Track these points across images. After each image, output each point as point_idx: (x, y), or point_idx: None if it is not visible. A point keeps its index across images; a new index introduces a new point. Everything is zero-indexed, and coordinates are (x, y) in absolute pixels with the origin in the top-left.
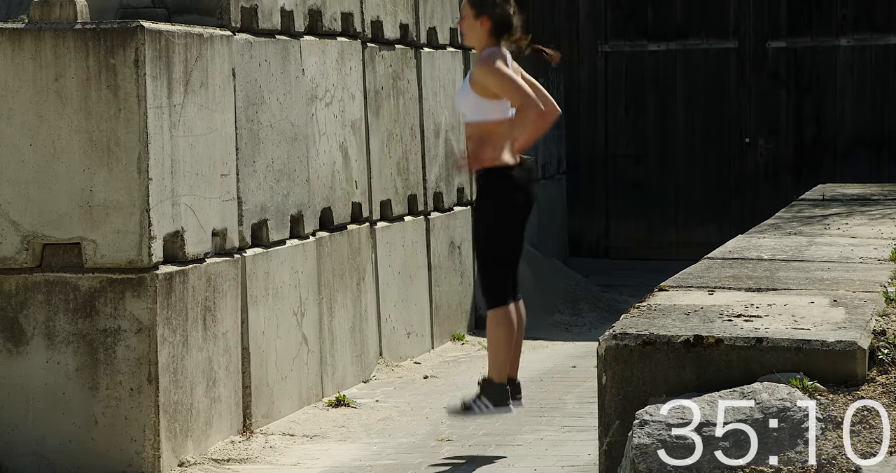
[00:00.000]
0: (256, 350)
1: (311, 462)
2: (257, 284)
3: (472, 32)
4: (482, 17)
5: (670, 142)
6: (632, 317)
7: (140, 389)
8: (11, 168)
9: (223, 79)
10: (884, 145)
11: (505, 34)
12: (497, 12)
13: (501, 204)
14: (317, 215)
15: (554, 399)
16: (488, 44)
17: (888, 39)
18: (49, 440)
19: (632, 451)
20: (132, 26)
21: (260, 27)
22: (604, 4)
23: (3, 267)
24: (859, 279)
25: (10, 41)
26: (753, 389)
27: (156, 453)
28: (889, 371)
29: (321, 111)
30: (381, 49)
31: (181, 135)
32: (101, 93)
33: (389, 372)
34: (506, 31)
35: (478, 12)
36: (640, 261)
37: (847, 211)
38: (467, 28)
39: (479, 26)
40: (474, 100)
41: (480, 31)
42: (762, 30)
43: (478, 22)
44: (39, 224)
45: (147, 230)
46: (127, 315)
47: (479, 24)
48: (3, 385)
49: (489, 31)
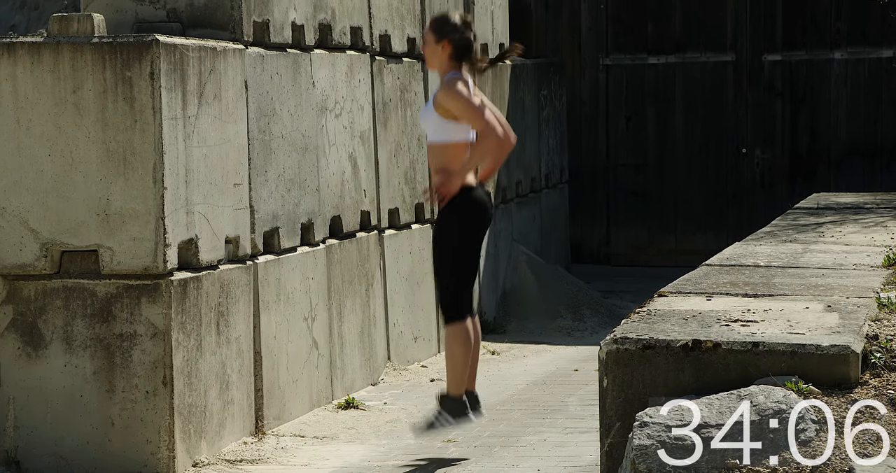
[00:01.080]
0: (268, 354)
1: (321, 462)
2: (269, 290)
3: (434, 56)
4: (443, 41)
5: (669, 153)
6: (632, 322)
7: (155, 392)
8: (31, 177)
9: (236, 91)
10: (877, 155)
11: (466, 58)
12: (457, 37)
13: (464, 222)
14: (327, 223)
15: (557, 402)
16: (449, 67)
17: (881, 52)
18: (67, 441)
19: (632, 452)
20: (148, 40)
21: (272, 41)
22: (605, 19)
23: (22, 273)
24: (853, 285)
25: (29, 54)
26: (750, 392)
27: (171, 454)
28: (882, 374)
29: (331, 122)
30: (389, 62)
31: (195, 145)
32: (118, 104)
33: (397, 375)
34: (466, 54)
35: (439, 36)
36: (640, 268)
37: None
38: (429, 53)
39: (440, 50)
40: (437, 121)
41: (442, 55)
42: (758, 43)
43: (439, 46)
44: (58, 231)
45: (162, 237)
46: (143, 320)
47: (440, 49)
48: (22, 387)
49: (450, 55)
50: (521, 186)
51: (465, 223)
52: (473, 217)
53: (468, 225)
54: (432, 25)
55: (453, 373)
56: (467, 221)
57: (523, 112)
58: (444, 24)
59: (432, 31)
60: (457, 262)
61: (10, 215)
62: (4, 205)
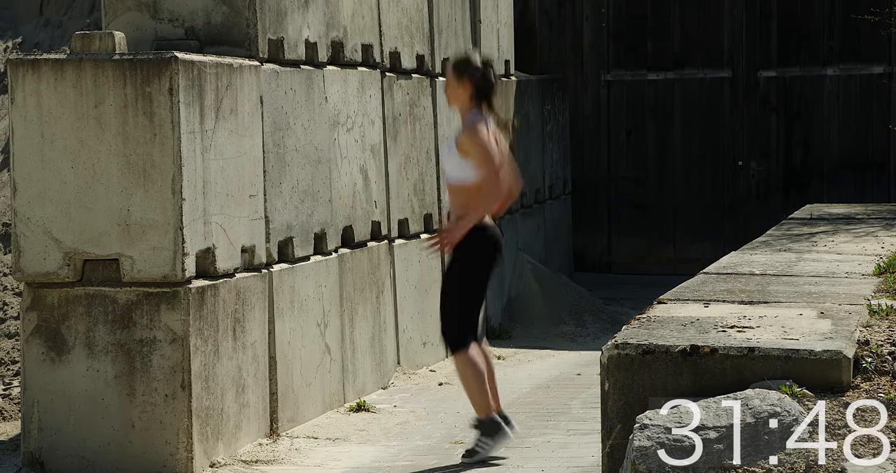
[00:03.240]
0: (283, 358)
1: (334, 463)
2: (283, 297)
3: (455, 95)
4: (464, 80)
5: (668, 165)
6: (632, 328)
7: (174, 395)
8: (54, 189)
9: (252, 106)
10: (867, 168)
11: (486, 98)
12: (478, 76)
13: (477, 259)
14: (339, 233)
15: (560, 405)
16: (470, 106)
17: (871, 69)
18: (89, 442)
19: (633, 453)
20: (167, 57)
21: (286, 58)
22: (606, 37)
23: (46, 281)
24: (845, 292)
25: (53, 71)
26: (746, 395)
27: (189, 455)
28: (872, 378)
29: (343, 136)
30: (399, 78)
31: (212, 158)
32: (138, 119)
33: (406, 379)
34: (487, 94)
35: (460, 76)
36: (640, 276)
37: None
38: (451, 92)
39: (461, 90)
40: (457, 161)
41: (463, 95)
42: (754, 60)
43: (461, 86)
44: (80, 241)
45: (181, 247)
46: (162, 326)
47: (461, 88)
48: (46, 391)
49: (471, 95)
50: (525, 198)
51: (476, 263)
52: (484, 257)
53: (479, 265)
54: (454, 66)
55: (474, 398)
56: (478, 261)
57: (528, 126)
58: (466, 64)
59: (454, 70)
60: (466, 299)
61: (34, 225)
62: (29, 215)
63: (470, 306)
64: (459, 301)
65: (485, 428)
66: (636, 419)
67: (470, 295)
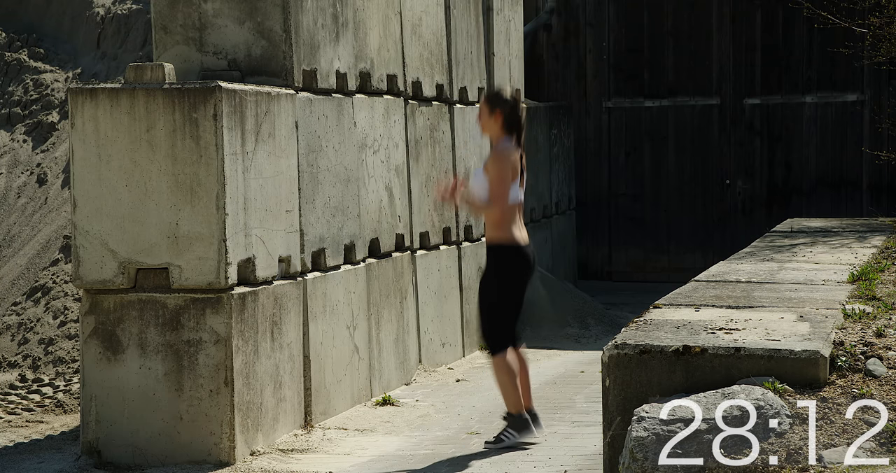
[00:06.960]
0: (316, 357)
1: (362, 451)
2: (316, 302)
3: (488, 125)
4: (496, 111)
5: (663, 183)
6: (631, 330)
7: (218, 391)
8: (110, 205)
9: (288, 130)
10: (842, 186)
11: (515, 128)
12: (508, 108)
13: (515, 275)
14: (366, 244)
15: (565, 399)
16: (502, 134)
17: (846, 97)
18: (141, 433)
19: (631, 442)
20: (211, 86)
21: (319, 87)
22: (607, 68)
23: (103, 288)
24: (822, 298)
25: (109, 99)
26: (733, 390)
27: (231, 444)
28: (847, 375)
29: (370, 157)
30: (421, 105)
31: (252, 177)
32: (186, 142)
33: (427, 376)
34: (516, 125)
35: (492, 107)
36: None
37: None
38: (484, 122)
39: (493, 121)
40: (483, 183)
41: (494, 125)
42: (740, 89)
43: (492, 117)
44: (134, 252)
45: (224, 257)
46: (207, 328)
47: (493, 119)
48: (103, 387)
49: (502, 125)
50: (534, 212)
51: (512, 280)
52: (521, 273)
53: (515, 281)
54: (487, 98)
55: (507, 396)
56: (515, 279)
57: (536, 148)
58: (497, 97)
59: (486, 103)
60: (503, 311)
61: (92, 237)
62: (88, 228)
63: (508, 316)
64: (499, 311)
65: (513, 422)
66: (634, 412)
67: (508, 307)
